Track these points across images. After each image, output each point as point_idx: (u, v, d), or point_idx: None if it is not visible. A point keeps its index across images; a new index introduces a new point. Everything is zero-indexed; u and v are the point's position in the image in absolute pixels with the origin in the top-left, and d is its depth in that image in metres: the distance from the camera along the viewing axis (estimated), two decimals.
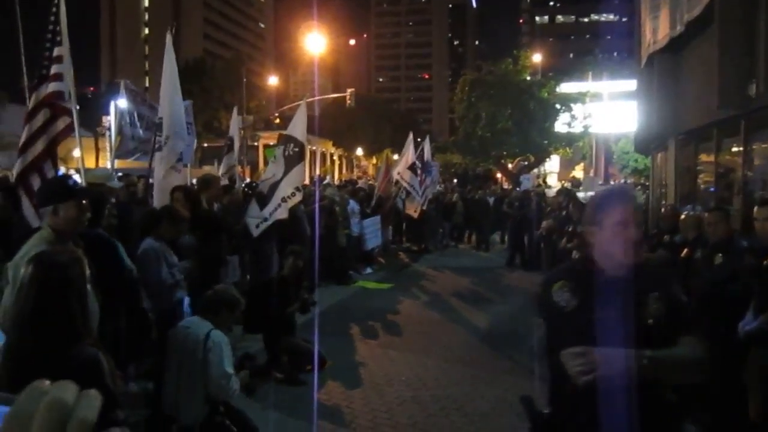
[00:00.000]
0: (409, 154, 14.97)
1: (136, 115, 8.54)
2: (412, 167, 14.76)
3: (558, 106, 30.66)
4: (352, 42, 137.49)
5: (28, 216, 4.95)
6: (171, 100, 6.84)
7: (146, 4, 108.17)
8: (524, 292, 12.16)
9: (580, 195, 15.45)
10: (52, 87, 5.24)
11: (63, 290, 2.26)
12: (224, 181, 9.73)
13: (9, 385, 2.26)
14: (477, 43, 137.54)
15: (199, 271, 5.59)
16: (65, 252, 2.47)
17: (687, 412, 5.57)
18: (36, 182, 5.07)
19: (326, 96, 54.63)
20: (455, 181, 23.17)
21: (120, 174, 11.59)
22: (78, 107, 5.41)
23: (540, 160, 34.73)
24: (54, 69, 5.40)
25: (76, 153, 7.08)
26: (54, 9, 5.57)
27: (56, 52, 5.45)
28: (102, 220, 4.35)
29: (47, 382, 0.71)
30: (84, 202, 3.52)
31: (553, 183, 39.50)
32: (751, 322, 4.43)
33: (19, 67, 6.36)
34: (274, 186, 7.53)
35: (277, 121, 49.25)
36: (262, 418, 5.16)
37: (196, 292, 5.12)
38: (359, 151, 63.36)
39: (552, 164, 43.90)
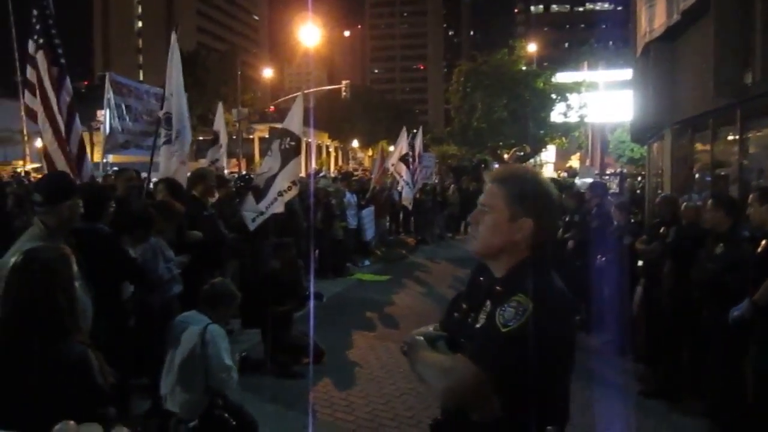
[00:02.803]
0: (403, 144, 14.99)
1: (124, 107, 8.48)
2: (404, 158, 14.76)
3: (554, 96, 30.65)
4: (347, 33, 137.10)
5: None
6: (178, 96, 6.89)
7: None
8: None
9: (577, 183, 15.49)
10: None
11: (49, 287, 2.25)
12: None
13: None
14: (472, 33, 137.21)
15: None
16: (52, 248, 2.46)
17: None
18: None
19: (321, 88, 54.48)
20: (452, 172, 23.17)
21: (115, 168, 11.55)
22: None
23: (536, 151, 34.72)
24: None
25: None
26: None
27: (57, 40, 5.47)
28: (105, 215, 4.31)
29: (72, 423, 0.69)
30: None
31: (549, 173, 39.50)
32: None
33: (11, 62, 6.33)
34: (271, 180, 7.48)
35: (272, 109, 49.13)
36: (260, 411, 5.16)
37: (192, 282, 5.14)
38: (355, 143, 63.29)
39: (548, 154, 43.86)
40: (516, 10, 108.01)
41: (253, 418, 4.75)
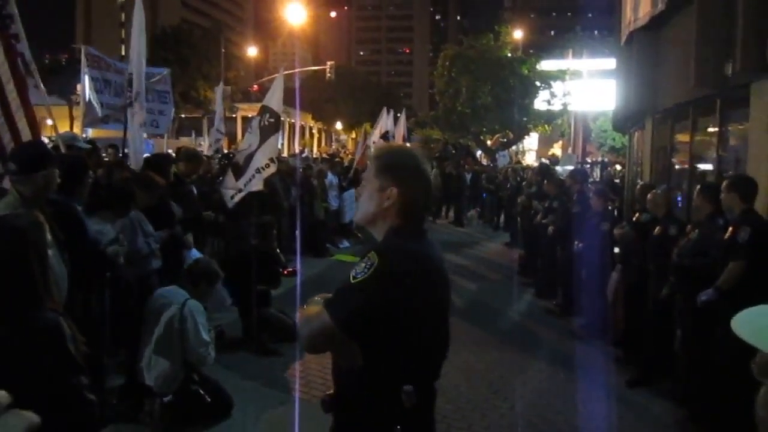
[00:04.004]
0: (383, 123, 14.94)
1: (102, 81, 8.35)
2: (384, 136, 14.73)
3: (538, 83, 30.66)
4: (333, 14, 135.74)
5: None
6: (138, 57, 6.70)
7: None
8: (501, 267, 12.31)
9: (558, 170, 15.60)
10: (18, 48, 5.04)
11: (21, 253, 2.23)
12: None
13: None
14: (459, 18, 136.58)
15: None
16: (25, 215, 2.43)
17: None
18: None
19: (306, 69, 54.07)
20: (434, 161, 23.14)
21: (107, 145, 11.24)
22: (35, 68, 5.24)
23: (519, 137, 34.76)
24: (12, 30, 5.15)
25: (49, 121, 6.93)
26: None
27: (7, 9, 5.18)
28: (81, 188, 4.23)
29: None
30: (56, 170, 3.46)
31: (532, 160, 39.67)
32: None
33: None
34: (250, 157, 7.44)
35: (255, 88, 48.67)
36: (236, 388, 5.18)
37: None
38: (338, 125, 62.99)
39: (531, 141, 44.00)
40: None
41: (229, 394, 4.77)
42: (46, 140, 7.93)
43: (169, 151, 8.32)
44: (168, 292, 4.48)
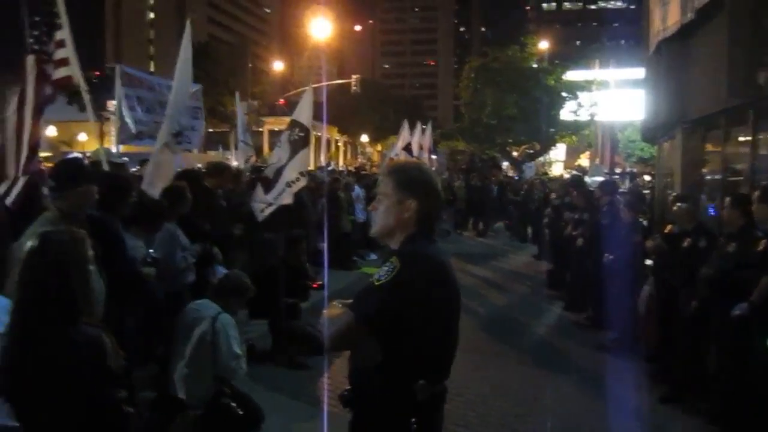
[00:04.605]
0: (405, 135, 14.97)
1: (136, 98, 8.50)
2: (407, 148, 14.74)
3: (564, 93, 30.49)
4: (358, 28, 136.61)
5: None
6: (180, 83, 6.85)
7: None
8: (529, 280, 12.19)
9: (587, 181, 15.47)
10: (61, 73, 5.22)
11: (63, 268, 2.28)
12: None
13: (12, 365, 2.28)
14: (483, 29, 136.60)
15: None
16: (67, 231, 2.48)
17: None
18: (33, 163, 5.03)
19: (331, 82, 54.39)
20: (462, 173, 23.10)
21: (125, 159, 11.52)
22: (88, 89, 5.40)
23: (545, 148, 34.56)
24: (59, 54, 5.36)
25: (81, 137, 7.12)
26: None
27: (58, 36, 5.39)
28: (123, 206, 4.31)
29: None
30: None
31: (558, 171, 39.33)
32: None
33: (23, 50, 6.27)
34: (280, 170, 7.51)
35: (281, 102, 49.13)
36: (266, 401, 5.19)
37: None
38: (364, 138, 63.20)
39: (557, 152, 43.67)
40: (528, 7, 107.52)
41: (259, 407, 4.78)
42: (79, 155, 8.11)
43: (198, 165, 8.45)
44: (200, 306, 4.52)
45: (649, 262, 6.96)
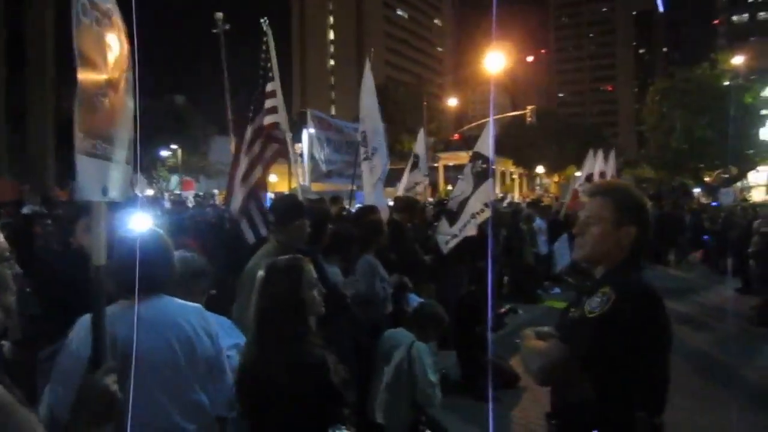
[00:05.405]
0: (589, 165, 14.48)
1: (324, 139, 9.17)
2: (589, 178, 14.21)
3: (765, 111, 27.76)
4: (530, 59, 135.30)
5: (245, 232, 5.64)
6: (371, 117, 7.37)
7: (332, 37, 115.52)
8: (733, 316, 11.08)
9: None
10: (268, 119, 5.85)
11: (297, 290, 2.48)
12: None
13: (250, 382, 2.51)
14: (665, 50, 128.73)
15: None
16: (297, 258, 2.70)
17: None
18: (252, 204, 5.73)
19: (506, 114, 54.17)
20: (650, 195, 21.75)
21: (314, 195, 12.42)
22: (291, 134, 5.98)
23: (744, 172, 31.51)
24: (268, 103, 6.03)
25: (272, 178, 7.87)
26: (264, 47, 6.21)
27: (269, 87, 6.07)
28: (323, 237, 4.64)
29: None
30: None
31: (761, 197, 35.54)
32: None
33: (224, 103, 7.16)
34: (464, 203, 7.63)
35: (456, 137, 49.85)
36: (459, 430, 5.21)
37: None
38: (540, 169, 61.96)
39: (758, 176, 39.54)
40: (716, 22, 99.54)
41: None
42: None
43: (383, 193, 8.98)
44: (396, 334, 4.69)
45: None
